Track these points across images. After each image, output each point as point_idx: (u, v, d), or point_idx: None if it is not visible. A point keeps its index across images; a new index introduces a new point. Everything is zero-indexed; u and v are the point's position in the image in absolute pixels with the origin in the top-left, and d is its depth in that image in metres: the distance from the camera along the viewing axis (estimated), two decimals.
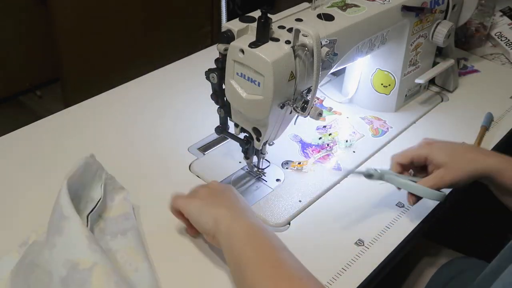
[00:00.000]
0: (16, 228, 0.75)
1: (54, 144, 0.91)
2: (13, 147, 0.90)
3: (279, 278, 0.59)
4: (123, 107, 1.01)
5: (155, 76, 1.10)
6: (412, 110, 1.03)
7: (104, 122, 0.97)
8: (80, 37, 1.91)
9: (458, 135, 0.97)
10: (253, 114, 0.74)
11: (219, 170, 0.86)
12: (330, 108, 1.01)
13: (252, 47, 0.68)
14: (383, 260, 0.72)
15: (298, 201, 0.80)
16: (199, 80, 0.69)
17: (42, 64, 2.10)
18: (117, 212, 0.74)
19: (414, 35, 0.95)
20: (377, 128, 0.97)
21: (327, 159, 0.89)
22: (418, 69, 1.01)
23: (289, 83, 0.70)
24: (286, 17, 0.76)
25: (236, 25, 0.72)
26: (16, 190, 0.81)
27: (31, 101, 2.16)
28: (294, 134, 0.93)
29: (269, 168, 0.86)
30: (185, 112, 1.00)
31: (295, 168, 0.86)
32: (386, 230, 0.77)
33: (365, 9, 0.83)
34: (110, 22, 1.97)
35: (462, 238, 1.14)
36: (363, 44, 0.84)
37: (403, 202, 0.81)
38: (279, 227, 0.77)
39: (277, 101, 0.71)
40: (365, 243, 0.74)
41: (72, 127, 0.95)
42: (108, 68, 1.96)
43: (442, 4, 0.97)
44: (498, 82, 1.14)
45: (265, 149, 0.82)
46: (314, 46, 0.67)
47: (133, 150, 0.90)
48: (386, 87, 0.99)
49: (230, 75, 0.73)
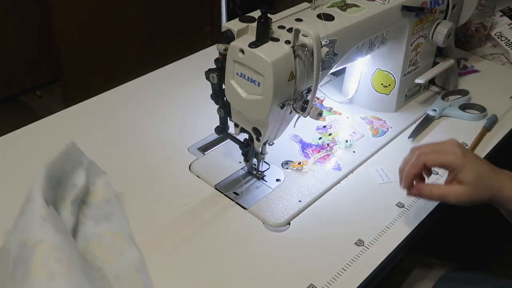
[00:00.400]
0: None
1: (54, 144, 0.90)
2: (13, 147, 0.90)
3: None
4: (123, 107, 1.01)
5: (155, 76, 1.10)
6: (412, 110, 1.03)
7: (104, 122, 0.97)
8: (80, 37, 1.91)
9: (458, 135, 0.97)
10: (253, 114, 0.74)
11: (219, 170, 0.86)
12: (330, 108, 1.01)
13: (252, 47, 0.68)
14: (383, 260, 0.72)
15: (298, 201, 0.80)
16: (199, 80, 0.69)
17: (42, 64, 2.10)
18: (99, 197, 0.75)
19: (414, 35, 0.95)
20: (377, 128, 0.97)
21: (327, 159, 0.89)
22: (418, 69, 1.01)
23: (289, 83, 0.70)
24: (286, 17, 0.76)
25: (236, 25, 0.72)
26: (16, 190, 0.81)
27: (31, 101, 2.16)
28: (294, 134, 0.93)
29: (269, 168, 0.86)
30: (185, 112, 1.00)
31: (295, 168, 0.86)
32: (386, 230, 0.77)
33: (365, 9, 0.83)
34: (110, 22, 1.97)
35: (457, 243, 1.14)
36: (363, 44, 0.84)
37: (403, 202, 0.82)
38: (279, 227, 0.77)
39: (277, 101, 0.71)
40: (365, 243, 0.74)
41: (72, 127, 0.95)
42: (108, 68, 1.96)
43: (442, 4, 0.97)
44: (498, 82, 1.13)
45: (265, 149, 0.82)
46: (314, 46, 0.67)
47: (133, 150, 0.90)
48: (386, 87, 0.99)
49: (230, 75, 0.73)
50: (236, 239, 0.75)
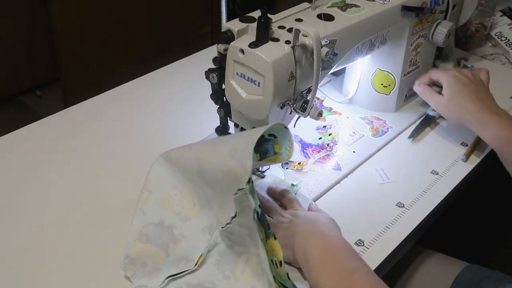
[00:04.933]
0: (16, 228, 0.75)
1: (54, 144, 0.91)
2: (13, 147, 0.90)
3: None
4: (123, 107, 1.01)
5: (155, 76, 1.10)
6: (412, 110, 1.03)
7: (104, 122, 0.97)
8: (80, 37, 1.91)
9: (458, 135, 0.97)
10: (253, 114, 0.74)
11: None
12: (330, 108, 1.01)
13: (252, 47, 0.68)
14: (383, 260, 0.72)
15: None
16: (199, 80, 0.69)
17: (42, 64, 2.10)
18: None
19: (414, 35, 0.95)
20: (377, 128, 0.97)
21: (327, 159, 0.89)
22: (418, 69, 1.01)
23: (289, 83, 0.70)
24: (286, 17, 0.76)
25: (236, 25, 0.72)
26: (16, 190, 0.81)
27: (31, 101, 2.16)
28: (294, 134, 0.93)
29: (269, 168, 0.86)
30: (185, 112, 1.00)
31: (295, 168, 0.86)
32: (386, 230, 0.77)
33: (365, 9, 0.83)
34: (110, 22, 1.97)
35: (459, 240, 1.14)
36: (363, 44, 0.84)
37: (403, 202, 0.82)
38: None
39: (277, 101, 0.71)
40: (365, 243, 0.74)
41: (72, 127, 0.95)
42: (108, 68, 1.96)
43: (442, 4, 0.97)
44: (498, 82, 1.13)
45: None
46: (314, 46, 0.67)
47: (133, 150, 0.90)
48: (386, 87, 0.99)
49: (230, 75, 0.73)
50: None
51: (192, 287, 0.67)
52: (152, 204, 0.71)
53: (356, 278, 0.62)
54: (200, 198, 0.71)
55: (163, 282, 0.67)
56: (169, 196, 0.72)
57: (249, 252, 0.67)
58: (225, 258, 0.68)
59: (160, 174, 0.72)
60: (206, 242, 0.69)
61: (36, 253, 0.71)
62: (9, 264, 0.70)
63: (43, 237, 0.73)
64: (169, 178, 0.72)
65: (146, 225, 0.70)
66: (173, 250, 0.69)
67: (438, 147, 0.94)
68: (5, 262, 0.70)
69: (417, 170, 0.89)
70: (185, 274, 0.68)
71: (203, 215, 0.71)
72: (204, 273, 0.68)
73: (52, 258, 0.71)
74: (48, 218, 0.76)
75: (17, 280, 0.68)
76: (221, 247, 0.69)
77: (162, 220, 0.71)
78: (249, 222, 0.62)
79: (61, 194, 0.80)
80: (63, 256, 0.71)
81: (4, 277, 0.68)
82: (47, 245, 0.72)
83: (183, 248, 0.69)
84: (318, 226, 0.69)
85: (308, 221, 0.70)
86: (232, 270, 0.67)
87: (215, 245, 0.69)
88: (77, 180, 0.83)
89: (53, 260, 0.70)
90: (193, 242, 0.69)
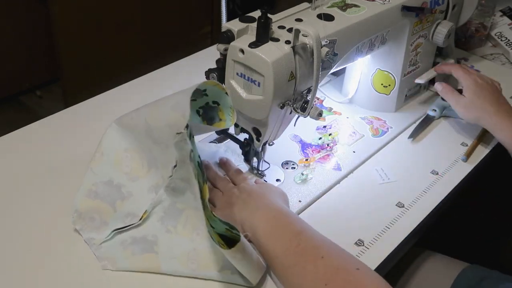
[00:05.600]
0: (17, 228, 0.75)
1: (54, 144, 0.91)
2: (13, 147, 0.90)
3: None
4: (123, 107, 1.00)
5: (155, 76, 1.10)
6: (412, 110, 1.03)
7: (104, 122, 0.96)
8: (80, 37, 1.91)
9: (458, 135, 0.97)
10: (253, 114, 0.74)
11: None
12: (330, 108, 1.01)
13: (252, 47, 0.68)
14: (383, 260, 0.72)
15: (298, 201, 0.80)
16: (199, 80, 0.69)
17: (42, 64, 2.10)
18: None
19: (414, 35, 0.95)
20: (377, 128, 0.97)
21: (327, 159, 0.89)
22: (418, 69, 1.01)
23: (289, 83, 0.70)
24: (286, 17, 0.76)
25: (236, 25, 0.72)
26: (16, 190, 0.81)
27: (31, 101, 2.16)
28: (294, 134, 0.93)
29: (269, 168, 0.86)
30: None
31: (303, 165, 0.87)
32: (386, 230, 0.77)
33: (365, 9, 0.83)
34: (110, 23, 1.97)
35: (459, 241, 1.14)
36: (363, 44, 0.84)
37: (403, 202, 0.82)
38: None
39: (277, 101, 0.71)
40: (365, 243, 0.74)
41: (72, 127, 0.95)
42: (108, 68, 1.96)
43: (442, 4, 0.97)
44: None
45: (265, 149, 0.82)
46: (314, 46, 0.67)
47: None
48: (386, 87, 0.99)
49: (230, 75, 0.73)
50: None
51: (136, 240, 0.71)
52: (103, 164, 0.75)
53: (303, 237, 0.66)
54: (149, 159, 0.74)
55: (109, 235, 0.71)
56: (120, 158, 0.76)
57: (190, 208, 0.71)
58: (168, 215, 0.72)
59: (113, 138, 0.76)
60: (152, 200, 0.73)
61: (36, 253, 0.71)
62: (9, 264, 0.70)
63: (43, 237, 0.73)
64: (121, 142, 0.76)
65: (96, 183, 0.74)
66: (120, 207, 0.73)
67: (438, 147, 0.94)
68: (5, 262, 0.70)
69: (417, 170, 0.89)
70: (130, 228, 0.72)
71: (151, 175, 0.74)
72: (148, 227, 0.72)
73: (52, 258, 0.71)
74: (48, 219, 0.76)
75: (17, 280, 0.68)
76: (165, 204, 0.72)
77: (111, 179, 0.75)
78: (189, 173, 0.65)
79: (61, 194, 0.80)
80: (63, 256, 0.71)
81: (4, 277, 0.68)
82: (47, 245, 0.72)
83: (130, 205, 0.73)
84: (263, 200, 0.73)
85: (254, 195, 0.74)
86: (174, 225, 0.71)
87: (160, 202, 0.72)
88: (77, 180, 0.83)
89: (53, 260, 0.70)
90: (139, 199, 0.73)
